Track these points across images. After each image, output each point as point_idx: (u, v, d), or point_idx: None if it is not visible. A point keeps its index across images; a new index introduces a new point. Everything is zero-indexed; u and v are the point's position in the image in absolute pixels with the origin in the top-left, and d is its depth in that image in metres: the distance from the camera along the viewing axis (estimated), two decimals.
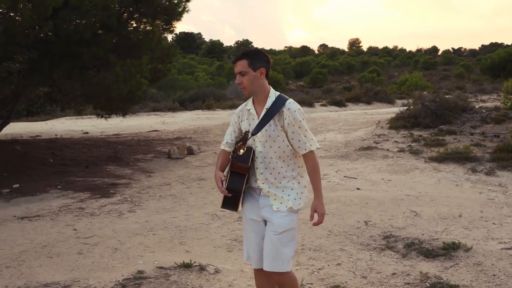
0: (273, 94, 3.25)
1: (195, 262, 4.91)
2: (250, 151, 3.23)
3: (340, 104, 27.16)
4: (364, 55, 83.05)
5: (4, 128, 13.43)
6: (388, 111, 19.19)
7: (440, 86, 36.73)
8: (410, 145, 11.42)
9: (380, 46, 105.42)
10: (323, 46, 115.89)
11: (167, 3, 10.66)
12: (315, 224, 3.37)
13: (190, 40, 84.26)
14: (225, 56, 78.88)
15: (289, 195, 3.25)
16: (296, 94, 34.82)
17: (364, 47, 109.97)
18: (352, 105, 27.47)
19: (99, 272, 4.89)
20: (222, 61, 68.24)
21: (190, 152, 12.01)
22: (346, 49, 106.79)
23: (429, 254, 5.14)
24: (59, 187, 8.66)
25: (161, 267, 4.89)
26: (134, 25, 10.84)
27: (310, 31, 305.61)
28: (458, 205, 7.01)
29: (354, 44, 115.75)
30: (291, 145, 3.22)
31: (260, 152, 3.23)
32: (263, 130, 3.20)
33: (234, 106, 25.62)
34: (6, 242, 5.86)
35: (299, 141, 3.19)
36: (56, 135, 15.71)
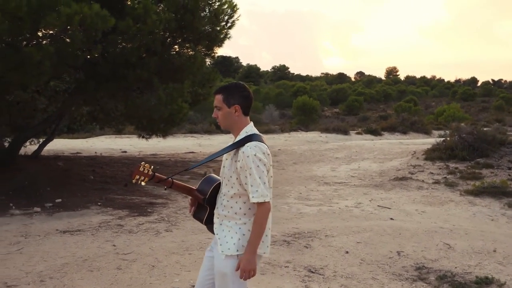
0: (244, 132, 3.09)
1: None
2: (211, 184, 3.19)
3: (375, 132, 27.11)
4: (401, 84, 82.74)
5: (47, 144, 13.94)
6: (424, 142, 19.09)
7: (479, 118, 36.36)
8: (445, 177, 11.37)
9: (418, 76, 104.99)
10: (359, 74, 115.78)
11: (210, 29, 10.98)
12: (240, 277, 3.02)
13: (227, 64, 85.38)
14: (261, 81, 79.68)
15: (231, 237, 3.04)
16: (331, 121, 34.93)
17: (401, 76, 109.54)
18: (387, 134, 27.38)
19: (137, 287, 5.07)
20: (259, 86, 68.88)
21: None
22: (383, 77, 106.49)
23: (461, 287, 5.16)
24: (99, 203, 8.96)
25: None
26: (177, 49, 11.21)
27: (347, 58, 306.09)
28: (493, 240, 6.99)
29: (391, 72, 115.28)
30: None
31: (222, 187, 3.15)
32: (223, 166, 3.16)
33: (269, 131, 25.87)
34: (49, 254, 6.12)
35: (247, 188, 2.98)
36: (96, 152, 16.17)
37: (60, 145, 17.49)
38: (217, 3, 10.83)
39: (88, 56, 9.51)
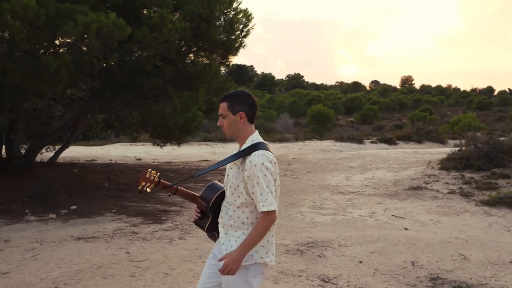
0: (249, 141, 3.06)
1: None
2: (215, 191, 3.15)
3: (390, 142, 26.98)
4: (416, 93, 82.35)
5: (63, 151, 14.08)
6: (439, 151, 18.97)
7: (495, 128, 36.07)
8: (461, 187, 11.28)
9: (433, 85, 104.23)
10: (374, 82, 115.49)
11: (224, 38, 11.05)
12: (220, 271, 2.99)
13: (242, 72, 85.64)
14: (276, 89, 79.81)
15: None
16: (346, 130, 34.85)
17: (417, 85, 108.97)
18: (402, 143, 27.23)
19: None
20: (273, 94, 68.99)
21: None
22: (398, 86, 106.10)
23: None
24: (113, 210, 9.01)
25: None
26: (192, 58, 11.30)
27: (362, 67, 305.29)
28: (509, 251, 6.91)
29: (407, 81, 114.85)
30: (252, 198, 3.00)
31: (227, 196, 3.10)
32: (230, 175, 3.11)
33: (283, 140, 25.89)
34: (64, 261, 6.16)
35: (255, 197, 2.93)
36: (111, 160, 16.29)
37: (75, 152, 17.66)
38: (232, 12, 10.90)
39: (104, 65, 9.63)
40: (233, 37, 11.20)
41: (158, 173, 3.07)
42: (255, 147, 3.01)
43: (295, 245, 7.02)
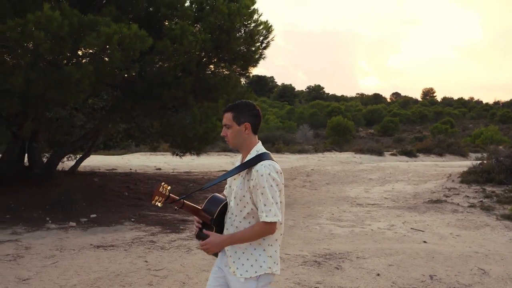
0: (254, 151, 3.06)
1: None
2: (218, 204, 3.11)
3: (410, 154, 26.81)
4: (438, 106, 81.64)
5: (84, 160, 14.26)
6: (460, 164, 18.79)
7: None
8: (481, 201, 11.15)
9: (455, 97, 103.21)
10: (395, 95, 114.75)
11: (245, 49, 11.13)
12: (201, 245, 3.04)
13: (262, 83, 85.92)
14: (296, 100, 79.80)
15: (247, 259, 3.00)
16: (365, 142, 34.68)
17: (438, 97, 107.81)
18: (423, 156, 27.02)
19: None
20: (293, 105, 68.99)
21: None
22: (419, 99, 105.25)
23: None
24: (132, 219, 9.09)
25: None
26: (213, 69, 11.39)
27: (383, 79, 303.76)
28: None
29: (428, 93, 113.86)
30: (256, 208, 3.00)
31: (231, 207, 3.07)
32: (234, 186, 3.09)
33: (303, 151, 25.87)
34: (83, 268, 6.23)
35: (259, 207, 2.92)
36: (131, 169, 16.43)
37: (96, 161, 17.86)
38: (253, 24, 10.98)
39: (126, 75, 9.75)
40: (253, 48, 11.28)
41: (169, 187, 3.04)
42: (261, 157, 3.00)
43: (313, 256, 7.00)
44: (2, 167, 11.62)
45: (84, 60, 8.96)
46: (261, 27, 11.08)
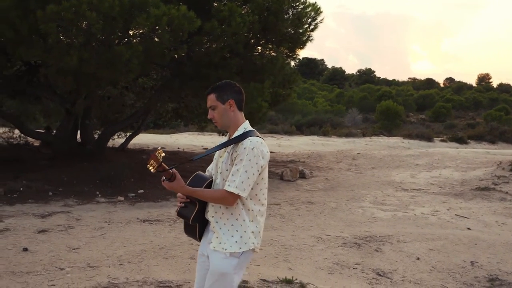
0: (242, 128, 3.05)
1: (296, 279, 5.16)
2: (203, 181, 3.06)
3: (461, 141, 26.22)
4: (493, 92, 78.95)
5: (134, 138, 14.66)
6: None
7: None
8: None
9: None
10: (449, 80, 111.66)
11: (292, 31, 11.13)
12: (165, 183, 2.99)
13: (312, 66, 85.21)
14: (346, 84, 78.84)
15: (232, 236, 2.97)
16: (416, 127, 34.10)
17: (494, 84, 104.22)
18: (474, 143, 26.39)
19: None
20: (343, 89, 68.26)
21: (302, 175, 12.32)
22: (474, 84, 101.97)
23: None
24: None
25: (264, 280, 5.19)
26: (260, 50, 11.45)
27: (436, 63, 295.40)
28: None
29: (484, 79, 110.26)
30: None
31: (217, 184, 3.06)
32: (219, 163, 3.08)
33: (350, 135, 25.69)
34: (129, 241, 6.50)
35: (230, 175, 2.93)
36: (178, 148, 16.77)
37: (145, 139, 18.30)
38: (301, 6, 10.96)
39: (175, 56, 9.94)
40: (300, 30, 11.25)
41: (164, 154, 2.90)
42: (249, 133, 3.01)
43: (353, 238, 7.05)
44: (56, 143, 12.13)
45: (134, 40, 9.20)
46: (309, 9, 11.04)
